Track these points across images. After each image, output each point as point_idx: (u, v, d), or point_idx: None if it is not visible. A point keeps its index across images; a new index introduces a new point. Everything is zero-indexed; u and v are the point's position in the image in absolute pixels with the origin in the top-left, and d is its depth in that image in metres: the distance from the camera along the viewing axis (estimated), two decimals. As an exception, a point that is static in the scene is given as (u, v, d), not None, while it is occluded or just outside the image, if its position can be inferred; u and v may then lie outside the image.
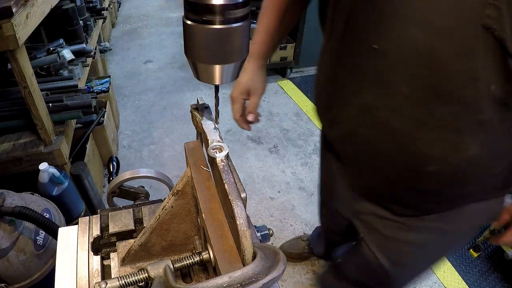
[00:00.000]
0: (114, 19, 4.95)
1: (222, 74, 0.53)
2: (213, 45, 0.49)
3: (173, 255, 0.75)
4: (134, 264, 0.73)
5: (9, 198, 1.25)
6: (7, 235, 1.18)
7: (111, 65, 3.85)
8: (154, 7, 5.68)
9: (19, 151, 1.56)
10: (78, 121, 2.04)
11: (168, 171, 2.40)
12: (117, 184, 0.97)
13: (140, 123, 2.94)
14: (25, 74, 1.37)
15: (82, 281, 0.70)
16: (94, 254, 0.75)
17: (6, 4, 1.20)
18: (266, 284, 0.43)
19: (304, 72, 3.78)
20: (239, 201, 0.49)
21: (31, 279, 1.25)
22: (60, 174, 1.52)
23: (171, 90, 3.41)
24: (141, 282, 0.58)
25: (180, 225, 0.70)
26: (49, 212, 1.33)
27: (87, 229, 0.80)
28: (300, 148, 2.73)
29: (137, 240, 0.71)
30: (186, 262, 0.60)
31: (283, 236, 2.06)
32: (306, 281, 1.84)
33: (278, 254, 0.46)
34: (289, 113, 3.13)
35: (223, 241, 0.53)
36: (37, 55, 2.06)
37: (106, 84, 2.64)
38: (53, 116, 1.66)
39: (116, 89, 3.27)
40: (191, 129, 0.79)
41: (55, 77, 2.02)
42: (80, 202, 1.69)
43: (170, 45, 4.34)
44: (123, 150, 2.65)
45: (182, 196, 0.66)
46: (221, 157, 0.54)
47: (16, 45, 1.26)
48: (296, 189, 2.38)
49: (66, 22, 2.40)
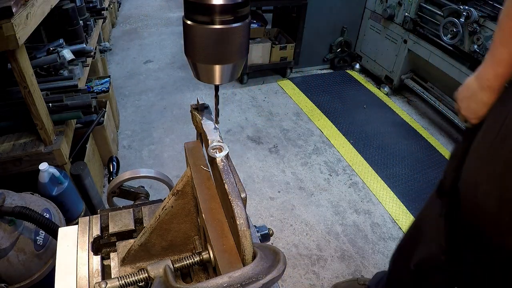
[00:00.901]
0: (114, 19, 4.95)
1: (222, 74, 0.53)
2: (213, 45, 0.49)
3: (173, 255, 0.75)
4: (134, 264, 0.73)
5: (9, 198, 1.25)
6: (7, 235, 1.18)
7: (111, 65, 3.85)
8: (154, 7, 5.68)
9: (19, 151, 1.56)
10: (78, 121, 2.04)
11: (168, 171, 2.40)
12: (117, 184, 0.97)
13: (140, 123, 2.94)
14: (25, 74, 1.37)
15: (82, 281, 0.70)
16: (94, 254, 0.75)
17: (6, 4, 1.20)
18: (266, 284, 0.43)
19: (304, 72, 3.78)
20: (239, 201, 0.49)
21: (31, 279, 1.26)
22: (60, 174, 1.52)
23: (171, 90, 3.41)
24: (141, 282, 0.58)
25: (180, 225, 0.70)
26: (49, 212, 1.33)
27: (87, 229, 0.80)
28: (300, 148, 2.73)
29: (137, 240, 0.71)
30: (186, 262, 0.60)
31: (283, 236, 2.06)
32: (306, 281, 1.84)
33: (278, 254, 0.46)
34: (289, 113, 3.13)
35: (223, 241, 0.53)
36: (37, 55, 2.05)
37: (106, 84, 2.64)
38: (53, 116, 1.66)
39: (116, 89, 3.27)
40: (191, 129, 0.79)
41: (55, 77, 2.02)
42: (80, 202, 1.69)
43: (170, 45, 4.35)
44: (123, 150, 2.65)
45: (182, 196, 0.66)
46: (221, 157, 0.54)
47: (16, 45, 1.26)
48: (296, 189, 2.38)
49: (66, 22, 2.40)
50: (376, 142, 2.83)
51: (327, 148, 2.76)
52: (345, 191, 2.39)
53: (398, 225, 2.17)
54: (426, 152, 2.77)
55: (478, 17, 2.39)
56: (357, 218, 2.20)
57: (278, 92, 3.45)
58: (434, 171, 2.58)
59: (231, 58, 0.51)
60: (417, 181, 2.49)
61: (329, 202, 2.30)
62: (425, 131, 3.00)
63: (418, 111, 3.27)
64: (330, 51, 3.74)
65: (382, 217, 2.22)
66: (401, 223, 2.18)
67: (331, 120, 3.05)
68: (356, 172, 2.54)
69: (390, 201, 2.32)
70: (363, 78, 3.74)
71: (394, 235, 2.11)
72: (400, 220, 2.20)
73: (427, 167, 2.62)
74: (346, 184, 2.44)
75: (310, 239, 2.06)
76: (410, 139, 2.90)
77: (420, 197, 2.37)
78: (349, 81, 3.66)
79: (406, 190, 2.41)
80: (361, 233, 2.11)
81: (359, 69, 3.84)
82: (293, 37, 3.40)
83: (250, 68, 3.35)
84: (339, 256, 1.98)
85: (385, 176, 2.51)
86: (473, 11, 2.39)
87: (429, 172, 2.57)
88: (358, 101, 3.35)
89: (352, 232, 2.11)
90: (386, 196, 2.35)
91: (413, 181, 2.49)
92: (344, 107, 3.25)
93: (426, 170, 2.59)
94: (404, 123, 3.09)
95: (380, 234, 2.11)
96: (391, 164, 2.63)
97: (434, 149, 2.81)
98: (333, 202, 2.30)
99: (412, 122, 3.11)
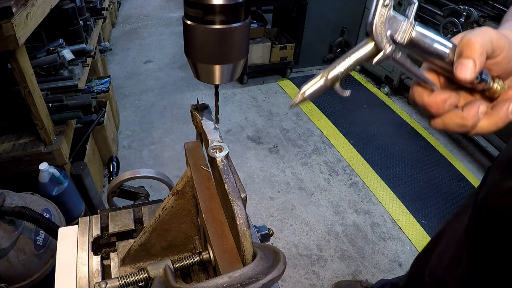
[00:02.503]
0: (114, 19, 4.94)
1: (222, 74, 0.53)
2: (213, 45, 0.48)
3: (173, 255, 0.75)
4: (134, 264, 0.73)
5: (9, 198, 1.25)
6: (7, 235, 1.18)
7: (111, 65, 3.85)
8: (154, 7, 5.68)
9: (19, 151, 1.56)
10: (78, 121, 2.04)
11: (168, 171, 2.40)
12: (117, 184, 0.97)
13: (140, 123, 2.94)
14: (25, 74, 1.37)
15: (82, 281, 0.70)
16: (94, 254, 0.75)
17: (6, 4, 1.20)
18: (266, 284, 0.43)
19: (304, 72, 3.78)
20: (239, 201, 0.49)
21: (31, 279, 1.26)
22: (60, 174, 1.52)
23: (171, 90, 3.41)
24: (141, 282, 0.58)
25: (180, 225, 0.70)
26: (49, 212, 1.33)
27: (87, 229, 0.80)
28: (300, 148, 2.73)
29: (137, 240, 0.71)
30: (186, 262, 0.60)
31: (283, 236, 2.06)
32: (306, 281, 1.84)
33: (278, 254, 0.46)
34: (289, 113, 3.13)
35: (223, 241, 0.53)
36: (37, 55, 2.05)
37: (106, 84, 2.64)
38: (53, 116, 1.66)
39: (116, 89, 3.27)
40: (191, 129, 0.79)
41: (55, 77, 2.02)
42: (80, 202, 1.69)
43: (170, 45, 4.34)
44: (123, 150, 2.65)
45: (182, 196, 0.66)
46: (221, 157, 0.54)
47: (16, 45, 1.26)
48: (296, 189, 2.38)
49: (66, 22, 2.40)
50: (376, 142, 2.83)
51: (327, 148, 2.75)
52: (345, 191, 2.39)
53: (398, 225, 2.17)
54: (426, 152, 2.77)
55: (478, 17, 2.39)
56: (357, 218, 2.20)
57: (278, 92, 3.45)
58: (434, 171, 2.58)
59: (231, 58, 0.51)
60: (417, 181, 2.49)
61: (329, 202, 2.30)
62: (425, 131, 3.00)
63: (418, 111, 3.27)
64: (330, 51, 3.74)
65: (382, 217, 2.21)
66: (401, 223, 2.18)
67: (331, 120, 3.05)
68: (356, 172, 2.54)
69: (390, 201, 2.32)
70: (363, 78, 3.74)
71: (394, 235, 2.11)
72: (400, 220, 2.20)
73: (427, 167, 2.62)
74: (346, 184, 2.44)
75: (310, 239, 2.05)
76: (410, 139, 2.90)
77: (420, 197, 2.37)
78: (349, 81, 3.66)
79: (406, 190, 2.41)
80: (361, 233, 2.11)
81: (359, 69, 3.84)
82: (293, 37, 3.40)
83: (250, 68, 3.35)
84: (339, 256, 1.98)
85: (385, 176, 2.51)
86: (473, 11, 2.40)
87: (429, 172, 2.57)
88: (358, 101, 3.35)
89: (352, 232, 2.11)
90: (386, 196, 2.35)
91: (413, 181, 2.49)
92: (344, 107, 3.25)
93: (426, 170, 2.59)
94: (404, 123, 3.09)
95: (380, 234, 2.11)
96: (391, 164, 2.63)
97: (434, 149, 2.81)
98: (333, 202, 2.30)
99: (412, 122, 3.11)
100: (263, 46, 3.30)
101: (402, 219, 2.21)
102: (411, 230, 2.14)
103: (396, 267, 1.94)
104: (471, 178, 2.54)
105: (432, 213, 2.26)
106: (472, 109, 0.44)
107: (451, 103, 0.44)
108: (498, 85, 0.45)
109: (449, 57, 0.43)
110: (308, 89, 0.45)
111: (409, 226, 2.16)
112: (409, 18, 0.41)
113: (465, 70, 0.41)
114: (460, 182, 2.51)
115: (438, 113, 0.45)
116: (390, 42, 0.41)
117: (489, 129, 0.46)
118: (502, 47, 0.42)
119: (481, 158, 2.72)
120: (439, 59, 0.44)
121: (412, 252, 2.01)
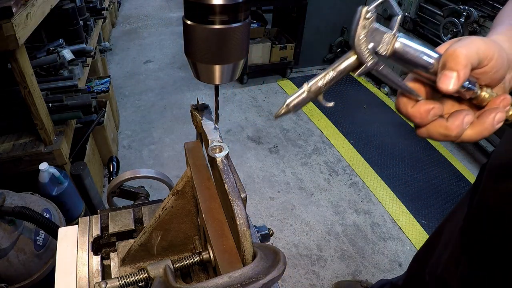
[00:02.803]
0: (114, 19, 4.95)
1: (222, 74, 0.53)
2: (213, 45, 0.48)
3: (173, 255, 0.75)
4: (134, 264, 0.73)
5: (9, 198, 1.25)
6: (7, 235, 1.18)
7: (111, 65, 3.85)
8: (154, 7, 5.68)
9: (19, 151, 1.56)
10: (78, 121, 2.04)
11: (168, 171, 2.40)
12: (117, 184, 0.97)
13: (140, 123, 2.94)
14: (25, 74, 1.37)
15: (82, 281, 0.70)
16: (94, 254, 0.75)
17: (6, 4, 1.20)
18: (266, 284, 0.43)
19: (304, 72, 3.78)
20: (239, 201, 0.49)
21: (31, 279, 1.25)
22: (60, 174, 1.52)
23: (171, 90, 3.41)
24: (141, 282, 0.58)
25: (180, 225, 0.70)
26: (49, 212, 1.33)
27: (87, 229, 0.80)
28: (300, 148, 2.73)
29: (137, 240, 0.71)
30: (186, 262, 0.60)
31: (283, 236, 2.06)
32: (306, 281, 1.84)
33: (278, 254, 0.46)
34: (289, 113, 3.13)
35: (223, 241, 0.53)
36: (37, 55, 2.05)
37: (106, 84, 2.64)
38: (53, 116, 1.66)
39: (116, 89, 3.27)
40: (191, 129, 0.79)
41: (55, 77, 2.02)
42: (80, 202, 1.69)
43: (170, 45, 4.35)
44: (123, 150, 2.65)
45: (182, 196, 0.66)
46: (221, 157, 0.54)
47: (16, 45, 1.26)
48: (296, 189, 2.38)
49: (66, 22, 2.40)
50: (376, 142, 2.83)
51: (327, 148, 2.75)
52: (345, 191, 2.39)
53: (398, 225, 2.17)
54: (426, 152, 2.77)
55: (478, 17, 2.40)
56: (357, 218, 2.20)
57: (278, 92, 3.45)
58: (434, 171, 2.58)
59: (231, 58, 0.51)
60: (417, 181, 2.49)
61: (329, 202, 2.30)
62: (425, 131, 2.99)
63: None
64: (330, 51, 3.74)
65: (382, 217, 2.22)
66: (401, 223, 2.18)
67: (331, 120, 3.05)
68: (356, 172, 2.54)
69: (390, 201, 2.32)
70: (363, 78, 3.74)
71: (394, 235, 2.11)
72: (400, 220, 2.20)
73: (427, 167, 2.62)
74: (346, 184, 2.44)
75: (310, 239, 2.05)
76: (410, 139, 2.90)
77: (420, 197, 2.37)
78: (349, 81, 3.66)
79: (406, 190, 2.41)
80: (361, 233, 2.11)
81: (359, 69, 3.84)
82: (293, 37, 3.40)
83: (250, 68, 3.35)
84: (339, 256, 1.98)
85: (385, 176, 2.51)
86: (473, 11, 2.40)
87: (429, 172, 2.57)
88: (358, 101, 3.35)
89: (352, 232, 2.11)
90: (386, 196, 2.35)
91: (413, 181, 2.49)
92: (344, 107, 3.25)
93: (426, 170, 2.59)
94: (404, 123, 3.09)
95: (380, 234, 2.11)
96: (391, 164, 2.63)
97: (434, 149, 2.81)
98: (333, 202, 2.30)
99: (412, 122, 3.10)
100: (263, 46, 3.30)
101: (402, 219, 2.21)
102: (411, 230, 2.14)
103: (396, 267, 1.94)
104: (471, 178, 2.54)
105: (432, 213, 2.26)
106: (457, 119, 0.44)
107: (435, 113, 0.44)
108: (486, 93, 0.44)
109: (433, 68, 0.43)
110: (292, 101, 0.46)
111: (409, 226, 2.17)
112: (393, 30, 0.41)
113: (448, 81, 0.40)
114: (460, 182, 2.51)
115: (422, 123, 0.45)
116: (373, 55, 0.41)
117: (474, 138, 0.46)
118: (490, 57, 0.42)
119: (481, 158, 2.72)
120: (424, 70, 0.43)
121: (412, 252, 2.01)
